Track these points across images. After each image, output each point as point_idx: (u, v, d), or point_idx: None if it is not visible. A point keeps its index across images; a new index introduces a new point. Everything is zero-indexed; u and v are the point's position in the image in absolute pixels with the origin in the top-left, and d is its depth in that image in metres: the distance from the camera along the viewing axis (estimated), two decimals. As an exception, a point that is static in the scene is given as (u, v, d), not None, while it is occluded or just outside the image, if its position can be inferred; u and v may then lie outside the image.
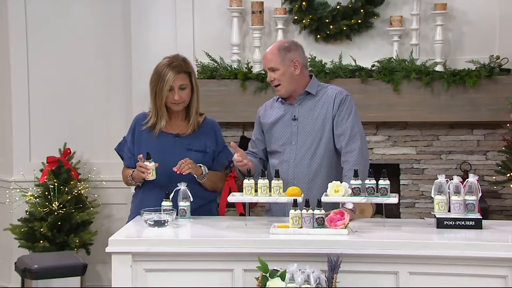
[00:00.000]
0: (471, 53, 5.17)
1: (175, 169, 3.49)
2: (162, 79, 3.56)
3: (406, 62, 5.10)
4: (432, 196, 3.29)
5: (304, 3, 5.21)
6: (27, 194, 5.40)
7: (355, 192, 3.24)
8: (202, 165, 3.60)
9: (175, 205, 3.45)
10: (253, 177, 3.45)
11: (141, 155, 3.53)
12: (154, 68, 3.64)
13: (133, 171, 3.61)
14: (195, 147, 3.65)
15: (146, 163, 3.50)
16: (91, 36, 5.63)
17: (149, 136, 3.66)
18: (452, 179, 3.27)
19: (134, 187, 3.75)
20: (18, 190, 5.46)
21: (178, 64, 3.60)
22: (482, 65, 5.05)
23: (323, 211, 3.17)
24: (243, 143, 4.97)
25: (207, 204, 3.70)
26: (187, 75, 3.61)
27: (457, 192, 3.25)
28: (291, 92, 3.65)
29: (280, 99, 3.72)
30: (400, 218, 5.08)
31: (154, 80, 3.61)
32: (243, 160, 3.53)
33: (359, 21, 5.21)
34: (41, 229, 5.24)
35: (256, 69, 5.23)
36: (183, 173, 3.50)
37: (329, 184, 3.27)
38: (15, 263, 4.68)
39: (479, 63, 5.06)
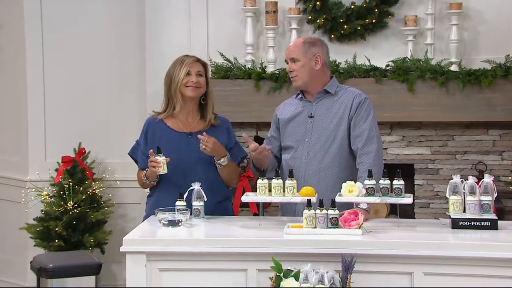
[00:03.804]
0: (487, 52, 5.13)
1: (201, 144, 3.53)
2: (180, 64, 3.67)
3: (421, 62, 5.08)
4: (447, 196, 3.27)
5: (318, 2, 5.20)
6: (42, 194, 5.43)
7: (370, 192, 3.23)
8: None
9: (189, 205, 3.45)
10: (267, 171, 3.44)
11: (151, 150, 3.56)
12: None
13: (147, 171, 3.63)
14: None
15: (157, 157, 3.52)
16: (106, 36, 5.65)
17: (163, 136, 3.68)
18: (467, 180, 3.25)
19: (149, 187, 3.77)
20: (33, 190, 5.48)
21: (194, 56, 3.76)
22: (497, 65, 5.02)
23: (337, 211, 3.16)
24: (257, 143, 4.96)
25: (224, 201, 3.72)
26: (203, 67, 3.72)
27: (472, 192, 3.23)
28: (307, 86, 3.65)
29: (299, 95, 3.73)
30: (414, 218, 5.06)
31: (172, 67, 3.69)
32: (259, 148, 3.52)
33: (374, 20, 5.19)
34: (56, 228, 5.26)
35: (270, 69, 5.23)
36: (205, 150, 3.53)
37: (343, 184, 3.26)
38: (31, 262, 4.70)
39: (494, 63, 5.03)
